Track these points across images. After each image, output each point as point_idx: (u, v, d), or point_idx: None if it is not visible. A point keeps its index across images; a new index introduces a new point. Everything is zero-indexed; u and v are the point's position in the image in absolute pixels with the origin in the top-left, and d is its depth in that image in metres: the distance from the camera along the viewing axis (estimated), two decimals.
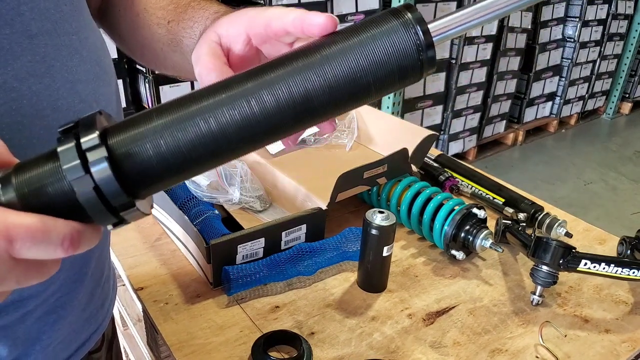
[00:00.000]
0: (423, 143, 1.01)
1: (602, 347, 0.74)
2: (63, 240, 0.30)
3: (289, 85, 0.32)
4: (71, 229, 0.31)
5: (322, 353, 0.70)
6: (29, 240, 0.29)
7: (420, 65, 0.34)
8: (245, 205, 0.95)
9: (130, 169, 0.31)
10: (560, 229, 0.96)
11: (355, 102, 0.35)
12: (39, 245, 0.30)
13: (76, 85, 0.46)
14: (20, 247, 0.29)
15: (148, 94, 1.99)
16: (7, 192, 0.31)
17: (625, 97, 4.77)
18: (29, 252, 0.30)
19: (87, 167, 0.30)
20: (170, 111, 0.32)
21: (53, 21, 0.44)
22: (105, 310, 0.62)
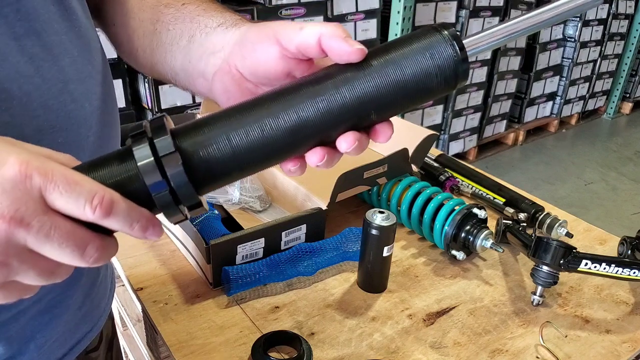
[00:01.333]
0: (423, 143, 1.01)
1: (602, 348, 0.74)
2: (94, 197, 0.31)
3: (348, 91, 0.36)
4: (105, 193, 0.32)
5: (322, 353, 0.70)
6: (63, 183, 0.30)
7: (456, 76, 0.37)
8: (245, 205, 0.95)
9: (197, 169, 0.34)
10: (561, 229, 0.96)
11: (400, 108, 0.38)
12: (71, 193, 0.31)
13: (68, 85, 0.45)
14: (54, 189, 0.30)
15: (148, 93, 1.99)
16: None
17: (625, 96, 4.76)
18: (61, 198, 0.31)
19: (163, 170, 0.33)
20: (231, 116, 0.36)
21: (41, 21, 0.44)
22: (101, 309, 0.62)
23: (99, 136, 0.50)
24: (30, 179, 0.30)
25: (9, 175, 0.30)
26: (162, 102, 2.00)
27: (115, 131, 0.56)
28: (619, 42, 4.30)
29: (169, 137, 0.33)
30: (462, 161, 1.17)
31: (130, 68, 1.97)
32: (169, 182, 0.33)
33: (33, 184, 0.30)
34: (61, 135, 0.45)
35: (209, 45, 0.47)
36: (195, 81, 0.49)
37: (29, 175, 0.30)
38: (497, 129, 3.63)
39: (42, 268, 0.32)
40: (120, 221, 0.33)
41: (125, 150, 0.34)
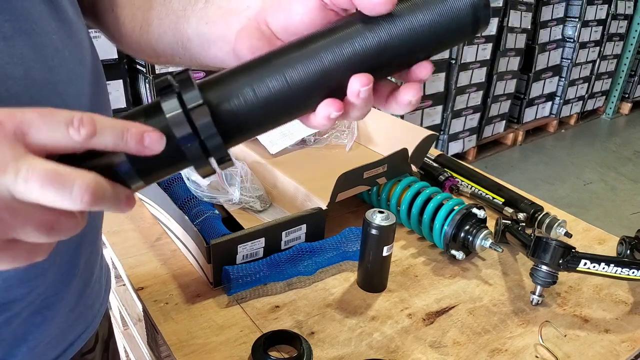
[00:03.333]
0: (423, 143, 1.01)
1: (601, 347, 0.74)
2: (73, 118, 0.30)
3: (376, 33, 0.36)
4: (83, 114, 0.30)
5: (322, 353, 0.71)
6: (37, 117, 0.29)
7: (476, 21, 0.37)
8: (245, 205, 0.95)
9: (225, 121, 0.34)
10: (560, 228, 0.96)
11: (426, 53, 0.38)
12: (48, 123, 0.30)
13: (58, 86, 0.44)
14: (29, 127, 0.29)
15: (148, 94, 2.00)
16: None
17: (624, 97, 4.77)
18: (38, 132, 0.29)
19: (192, 123, 0.33)
20: (255, 67, 0.36)
21: (31, 21, 0.42)
22: (95, 310, 0.61)
23: None
24: (2, 125, 0.29)
25: None
26: None
27: None
28: (618, 43, 4.31)
29: (196, 89, 0.34)
30: (461, 161, 1.18)
31: (130, 68, 1.98)
32: (198, 133, 0.33)
33: (5, 129, 0.29)
34: None
35: (232, 5, 0.45)
36: (213, 45, 0.47)
37: (1, 123, 0.29)
38: (496, 129, 3.63)
39: (38, 220, 0.30)
40: (109, 134, 0.31)
41: (153, 104, 0.34)
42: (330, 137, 1.15)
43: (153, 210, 0.98)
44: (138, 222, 0.97)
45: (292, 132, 1.12)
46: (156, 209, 0.96)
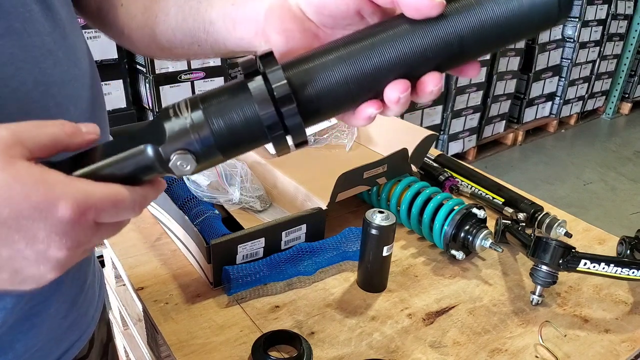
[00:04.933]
0: (423, 143, 1.01)
1: (601, 347, 0.74)
2: (135, 207, 0.37)
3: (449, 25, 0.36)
4: (139, 195, 0.37)
5: (322, 353, 0.71)
6: (110, 208, 0.35)
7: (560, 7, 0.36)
8: (245, 205, 0.95)
9: (304, 102, 0.36)
10: (560, 228, 0.96)
11: (499, 44, 0.38)
12: (119, 213, 0.36)
13: (50, 88, 0.43)
14: (104, 216, 0.35)
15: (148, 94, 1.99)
16: (196, 114, 0.36)
17: (624, 97, 4.77)
18: (111, 218, 0.36)
19: (276, 104, 0.35)
20: (331, 52, 0.37)
21: (21, 20, 0.41)
22: (89, 317, 0.60)
23: None
24: (84, 216, 0.34)
25: (65, 219, 0.33)
26: (163, 102, 2.00)
27: (104, 136, 0.54)
28: (618, 43, 4.31)
29: (280, 69, 0.35)
30: (461, 161, 1.18)
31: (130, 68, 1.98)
32: (280, 113, 0.35)
33: (87, 219, 0.34)
34: None
35: None
36: (239, 26, 0.46)
37: (83, 214, 0.33)
38: (496, 129, 3.63)
39: (94, 244, 0.37)
40: (147, 204, 0.38)
41: (239, 82, 0.37)
42: (330, 137, 1.15)
43: (153, 210, 0.98)
44: (138, 222, 0.97)
45: None
46: (156, 209, 0.96)
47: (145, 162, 0.36)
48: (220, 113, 0.36)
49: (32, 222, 0.32)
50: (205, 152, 0.36)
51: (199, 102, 0.36)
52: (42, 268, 0.34)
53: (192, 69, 2.03)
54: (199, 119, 0.35)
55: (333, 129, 1.16)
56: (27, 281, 0.35)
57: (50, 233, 0.33)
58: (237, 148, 0.37)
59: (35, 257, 0.33)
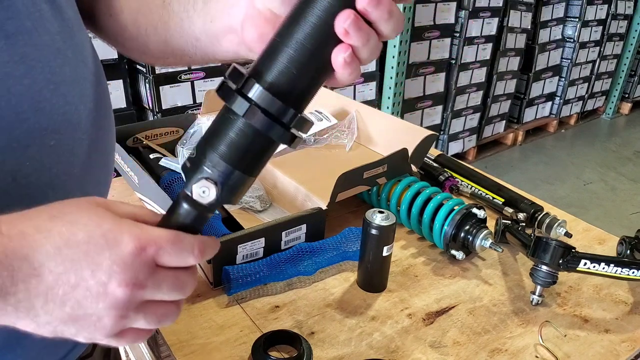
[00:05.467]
0: (423, 143, 1.01)
1: (601, 347, 0.74)
2: (194, 248, 0.39)
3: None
4: (199, 241, 0.39)
5: (322, 353, 0.71)
6: (170, 246, 0.37)
7: None
8: (245, 205, 0.95)
9: (285, 95, 0.38)
10: (560, 228, 0.96)
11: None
12: (178, 253, 0.38)
13: (60, 86, 0.44)
14: (164, 254, 0.37)
15: (148, 94, 2.00)
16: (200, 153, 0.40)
17: (624, 97, 4.77)
18: (170, 258, 0.37)
19: (266, 112, 0.37)
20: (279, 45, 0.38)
21: (32, 20, 0.42)
22: None
23: (93, 139, 0.49)
24: (145, 251, 0.36)
25: (127, 251, 0.36)
26: (163, 102, 2.01)
27: (110, 134, 0.55)
28: (618, 43, 4.31)
29: (253, 80, 0.37)
30: (461, 161, 1.18)
31: (130, 68, 1.98)
32: (272, 115, 0.37)
33: (147, 254, 0.36)
34: (53, 138, 0.44)
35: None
36: (222, 40, 0.48)
37: (143, 248, 0.36)
38: (496, 129, 3.63)
39: (154, 314, 0.38)
40: (209, 254, 0.40)
41: (223, 111, 0.39)
42: (330, 137, 1.15)
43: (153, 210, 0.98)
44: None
45: None
46: (156, 209, 0.96)
47: (185, 212, 0.40)
48: (223, 140, 0.39)
49: (99, 250, 0.35)
50: (223, 177, 0.39)
51: (203, 143, 0.39)
52: (101, 306, 0.36)
53: (192, 69, 2.03)
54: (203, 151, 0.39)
55: (333, 129, 1.16)
56: (84, 323, 0.36)
57: (113, 264, 0.35)
58: (255, 162, 0.40)
59: (96, 289, 0.35)
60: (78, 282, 0.35)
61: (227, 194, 0.40)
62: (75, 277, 0.35)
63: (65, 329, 0.36)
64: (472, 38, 3.02)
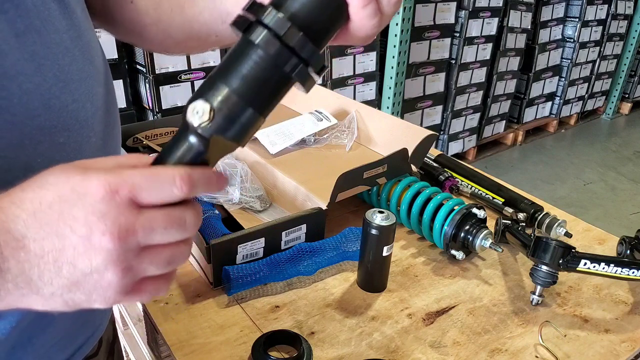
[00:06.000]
0: (423, 143, 1.01)
1: (601, 347, 0.74)
2: (175, 178, 0.35)
3: None
4: (180, 171, 0.35)
5: (322, 353, 0.71)
6: (145, 182, 0.34)
7: None
8: (245, 205, 0.95)
9: (305, 28, 0.37)
10: (560, 228, 0.96)
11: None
12: (156, 186, 0.35)
13: (69, 85, 0.45)
14: (140, 191, 0.34)
15: (148, 93, 1.99)
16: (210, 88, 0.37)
17: (624, 97, 4.77)
18: (149, 194, 0.34)
19: (283, 41, 0.36)
20: None
21: (41, 19, 0.43)
22: (102, 314, 0.61)
23: (101, 137, 0.49)
24: (117, 193, 0.33)
25: (98, 198, 0.33)
26: (163, 102, 2.01)
27: (116, 132, 0.55)
28: (618, 43, 4.31)
29: (272, 9, 0.36)
30: (461, 161, 1.18)
31: (130, 68, 1.98)
32: (291, 47, 0.36)
33: (122, 196, 0.34)
34: (62, 135, 0.44)
35: None
36: None
37: (115, 191, 0.33)
38: (496, 129, 3.63)
39: (159, 258, 0.36)
40: (202, 185, 0.37)
41: (241, 42, 0.37)
42: (330, 137, 1.15)
43: None
44: None
45: (292, 132, 1.12)
46: None
47: (175, 141, 0.37)
48: (237, 73, 0.36)
49: (71, 205, 0.33)
50: (223, 102, 0.36)
51: (214, 77, 0.37)
52: (96, 262, 0.34)
53: (192, 69, 2.03)
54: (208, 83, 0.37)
55: (333, 129, 1.16)
56: (88, 285, 0.34)
57: (88, 214, 0.33)
58: (265, 98, 0.37)
59: (82, 245, 0.33)
60: (63, 244, 0.33)
61: (223, 121, 0.36)
62: (57, 239, 0.33)
63: (74, 297, 0.35)
64: (472, 38, 3.02)
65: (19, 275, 0.33)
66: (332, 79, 2.49)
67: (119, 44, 1.83)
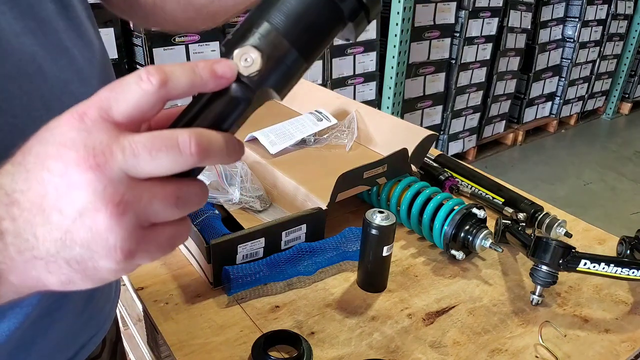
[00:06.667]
0: (423, 143, 1.01)
1: (601, 347, 0.74)
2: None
3: None
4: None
5: (322, 353, 0.71)
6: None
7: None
8: (245, 205, 0.95)
9: None
10: (560, 228, 0.96)
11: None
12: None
13: (69, 85, 0.44)
14: (112, 106, 0.29)
15: None
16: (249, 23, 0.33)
17: (624, 97, 4.77)
18: (124, 109, 0.29)
19: None
20: None
21: (38, 20, 0.42)
22: (105, 313, 0.60)
23: None
24: (86, 115, 0.29)
25: (66, 127, 0.29)
26: None
27: None
28: (618, 43, 4.31)
29: None
30: (461, 161, 1.18)
31: (130, 68, 1.98)
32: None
33: (91, 116, 0.29)
34: None
35: None
36: None
37: (84, 113, 0.29)
38: (496, 129, 3.63)
39: (162, 194, 0.30)
40: (181, 75, 0.31)
41: None
42: (330, 137, 1.15)
43: None
44: None
45: (292, 132, 1.12)
46: None
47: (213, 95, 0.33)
48: (280, 8, 0.32)
49: (44, 143, 0.30)
50: (273, 48, 0.31)
51: (253, 13, 0.33)
52: (79, 198, 0.28)
53: None
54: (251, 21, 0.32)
55: (333, 129, 1.16)
56: (87, 236, 0.29)
57: (59, 147, 0.29)
58: (314, 42, 0.33)
59: (62, 183, 0.29)
60: (45, 189, 0.29)
61: (275, 72, 0.32)
62: (39, 184, 0.29)
63: (75, 254, 0.30)
64: (472, 38, 3.02)
65: (17, 236, 0.30)
66: (332, 79, 2.49)
67: (119, 44, 1.83)
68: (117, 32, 1.81)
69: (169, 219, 0.31)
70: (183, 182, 0.31)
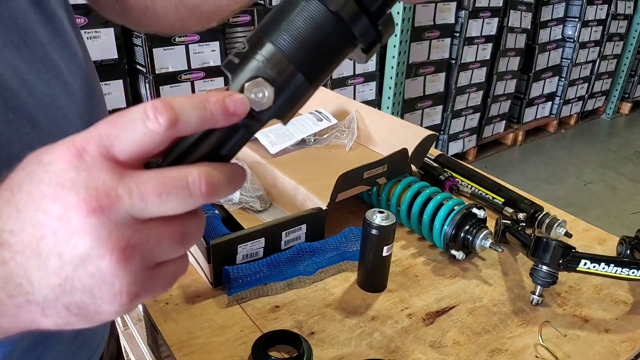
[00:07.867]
0: (423, 143, 1.01)
1: (601, 347, 0.74)
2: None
3: None
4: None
5: (322, 353, 0.71)
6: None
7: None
8: (245, 205, 0.95)
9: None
10: (560, 228, 0.96)
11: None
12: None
13: (56, 100, 0.42)
14: (113, 143, 0.27)
15: (148, 94, 1.99)
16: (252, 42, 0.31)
17: (624, 97, 4.77)
18: (126, 147, 0.27)
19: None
20: None
21: (20, 31, 0.40)
22: (99, 336, 0.59)
23: None
24: (85, 151, 0.27)
25: (63, 164, 0.27)
26: None
27: None
28: (618, 43, 4.31)
29: None
30: (461, 161, 1.18)
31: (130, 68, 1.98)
32: (362, 3, 0.31)
33: (90, 154, 0.27)
34: None
35: None
36: None
37: (83, 149, 0.27)
38: (496, 129, 3.63)
39: (168, 234, 0.29)
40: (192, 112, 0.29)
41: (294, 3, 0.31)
42: (330, 137, 1.15)
43: None
44: None
45: (292, 132, 1.12)
46: None
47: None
48: (284, 28, 0.30)
49: (37, 181, 0.28)
50: (283, 78, 0.30)
51: (257, 32, 0.31)
52: (81, 245, 0.26)
53: (192, 69, 2.03)
54: (256, 41, 0.31)
55: (333, 129, 1.16)
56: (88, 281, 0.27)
57: (56, 187, 0.27)
58: (321, 67, 0.32)
59: (61, 228, 0.27)
60: (42, 232, 0.27)
61: (286, 105, 0.31)
62: (33, 228, 0.27)
63: (76, 300, 0.28)
64: (472, 38, 3.02)
65: (8, 281, 0.28)
66: (332, 79, 2.50)
67: (119, 44, 1.83)
68: (117, 32, 1.81)
69: (174, 256, 0.30)
70: (186, 218, 0.30)
